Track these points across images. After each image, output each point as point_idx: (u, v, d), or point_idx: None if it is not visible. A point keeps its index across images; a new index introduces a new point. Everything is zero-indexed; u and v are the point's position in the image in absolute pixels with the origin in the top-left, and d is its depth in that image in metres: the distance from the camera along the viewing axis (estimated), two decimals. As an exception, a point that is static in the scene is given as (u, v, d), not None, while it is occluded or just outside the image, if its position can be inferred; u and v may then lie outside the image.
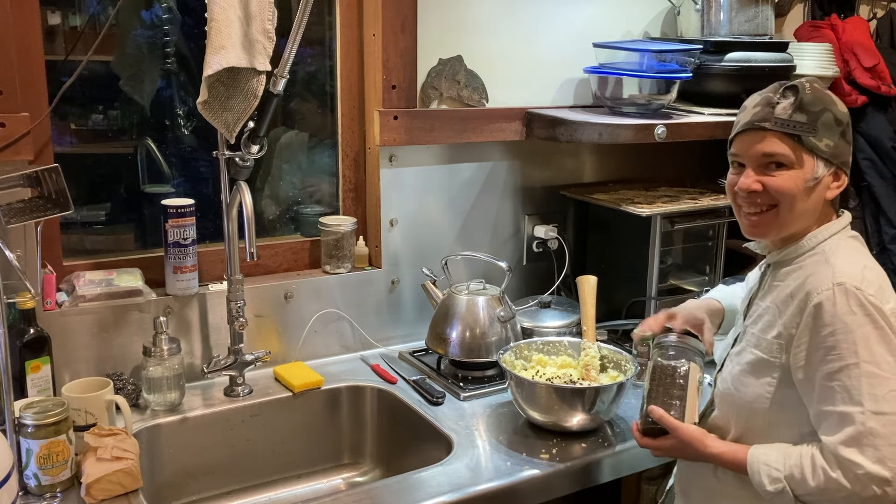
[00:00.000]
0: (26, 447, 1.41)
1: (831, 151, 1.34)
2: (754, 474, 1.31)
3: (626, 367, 1.77)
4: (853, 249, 1.38)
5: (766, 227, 1.40)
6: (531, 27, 2.21)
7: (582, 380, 1.77)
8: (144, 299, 1.80)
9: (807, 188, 1.35)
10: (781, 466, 1.29)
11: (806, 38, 2.55)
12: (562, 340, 1.89)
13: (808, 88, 1.34)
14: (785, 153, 1.34)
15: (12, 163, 1.64)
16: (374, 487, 1.59)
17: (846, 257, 1.34)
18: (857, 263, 1.33)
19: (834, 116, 1.34)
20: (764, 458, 1.32)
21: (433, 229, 2.18)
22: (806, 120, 1.33)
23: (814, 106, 1.33)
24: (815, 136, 1.33)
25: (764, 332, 1.38)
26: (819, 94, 1.35)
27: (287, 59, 1.66)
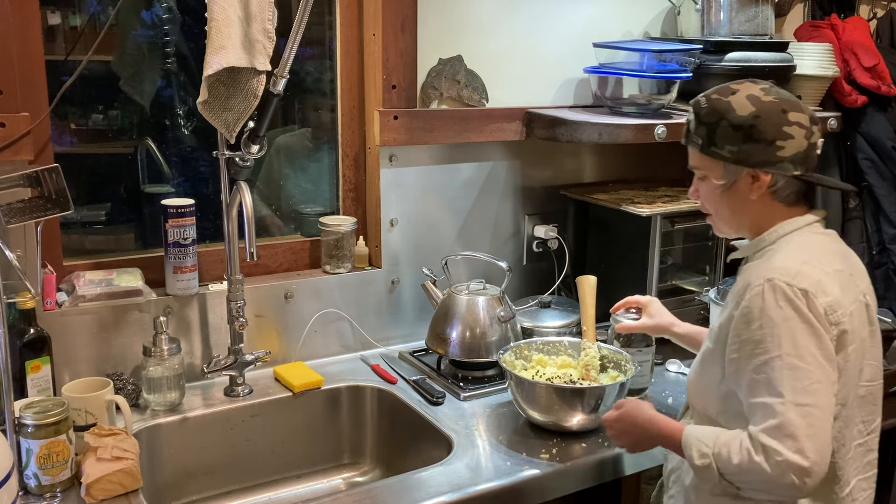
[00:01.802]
0: (26, 447, 1.41)
1: (737, 156, 1.39)
2: (686, 448, 1.38)
3: (626, 368, 1.77)
4: (803, 245, 1.40)
5: (716, 229, 1.53)
6: (531, 27, 2.21)
7: (582, 380, 1.77)
8: (144, 299, 1.80)
9: (723, 194, 1.44)
10: (711, 444, 1.34)
11: (806, 38, 2.55)
12: (562, 340, 1.89)
13: (703, 103, 1.43)
14: (698, 165, 1.46)
15: (12, 163, 1.64)
16: (374, 487, 1.59)
17: (789, 252, 1.38)
18: (797, 258, 1.35)
19: (730, 124, 1.38)
20: (697, 434, 1.38)
21: (433, 229, 2.18)
22: (706, 133, 1.41)
23: (710, 118, 1.40)
24: (714, 146, 1.40)
25: (715, 322, 1.46)
26: (715, 105, 1.40)
27: (287, 58, 1.66)
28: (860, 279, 1.43)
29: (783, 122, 1.36)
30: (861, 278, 1.43)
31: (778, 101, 1.37)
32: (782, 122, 1.36)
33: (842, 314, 1.32)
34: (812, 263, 1.34)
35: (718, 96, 1.41)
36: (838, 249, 1.44)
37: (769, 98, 1.37)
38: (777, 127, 1.36)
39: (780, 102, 1.37)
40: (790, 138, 1.36)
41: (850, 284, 1.38)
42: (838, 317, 1.31)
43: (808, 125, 1.37)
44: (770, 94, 1.38)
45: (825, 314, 1.30)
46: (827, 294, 1.31)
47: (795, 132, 1.36)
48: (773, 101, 1.37)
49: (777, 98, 1.37)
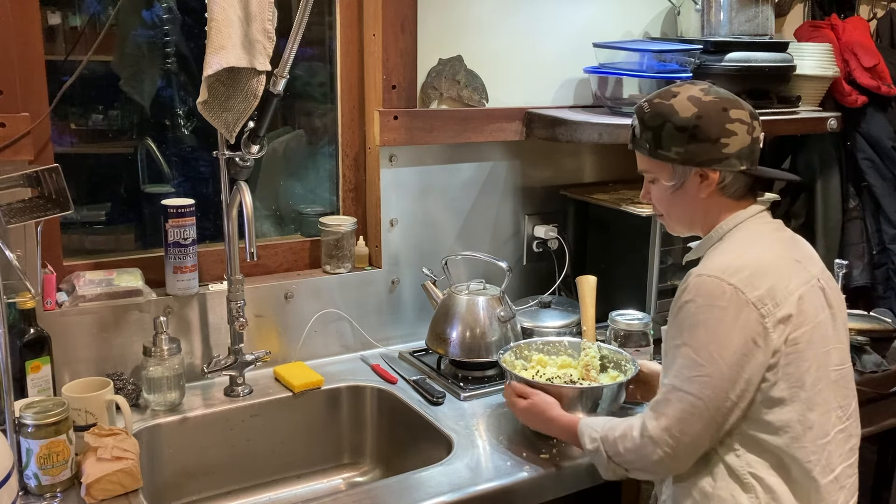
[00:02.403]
0: (26, 447, 1.41)
1: (683, 157, 1.42)
2: (581, 436, 1.48)
3: (626, 367, 1.77)
4: (744, 238, 1.44)
5: (669, 229, 1.57)
6: (531, 27, 2.21)
7: (582, 380, 1.77)
8: (144, 299, 1.80)
9: (673, 194, 1.48)
10: (600, 428, 1.45)
11: (806, 38, 2.55)
12: (562, 340, 1.88)
13: (646, 108, 1.46)
14: (646, 168, 1.50)
15: (12, 163, 1.64)
16: (374, 487, 1.59)
17: (727, 247, 1.43)
18: (734, 251, 1.41)
19: (674, 126, 1.41)
20: (590, 423, 1.49)
21: (433, 229, 2.18)
22: (651, 137, 1.44)
23: (654, 121, 1.44)
24: (661, 148, 1.44)
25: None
26: (657, 109, 1.43)
27: (287, 59, 1.66)
28: (811, 264, 1.45)
29: (725, 120, 1.40)
30: (813, 263, 1.46)
31: (718, 100, 1.41)
32: (724, 119, 1.40)
33: (780, 300, 1.34)
34: (748, 256, 1.39)
35: (660, 100, 1.44)
36: (783, 237, 1.48)
37: (709, 98, 1.41)
38: (720, 125, 1.40)
39: (721, 101, 1.41)
40: (733, 135, 1.40)
41: (795, 269, 1.40)
42: (772, 306, 1.34)
43: (749, 121, 1.41)
44: (710, 93, 1.42)
45: (755, 307, 1.33)
46: (757, 287, 1.34)
47: (738, 129, 1.40)
48: (714, 100, 1.41)
49: (717, 97, 1.41)
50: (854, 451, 1.46)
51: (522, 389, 1.63)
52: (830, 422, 1.39)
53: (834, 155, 2.59)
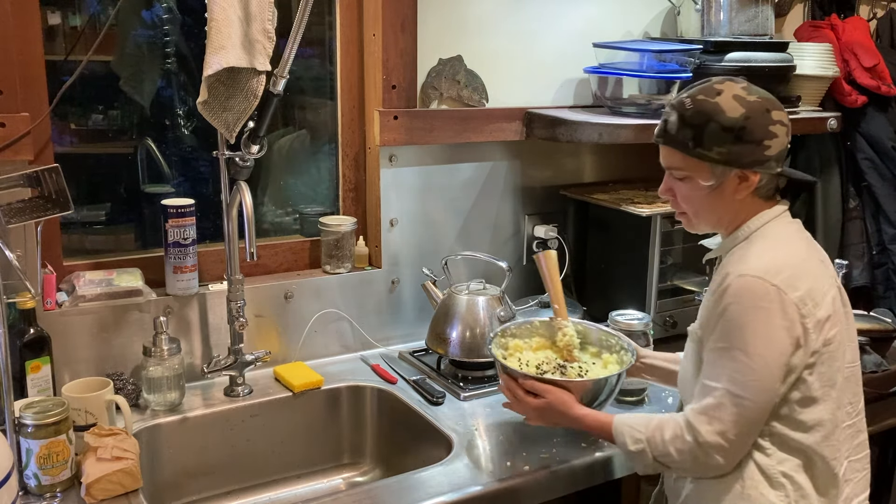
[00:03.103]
0: (26, 447, 1.41)
1: (725, 158, 1.38)
2: (618, 435, 1.45)
3: (615, 347, 1.72)
4: (776, 237, 1.42)
5: (688, 227, 1.52)
6: (531, 27, 2.21)
7: (565, 361, 1.70)
8: (144, 299, 1.80)
9: (706, 195, 1.42)
10: (643, 429, 1.42)
11: (806, 38, 2.55)
12: (532, 321, 1.80)
13: (688, 104, 1.39)
14: (678, 166, 1.44)
15: (12, 163, 1.64)
16: (374, 487, 1.59)
17: (763, 246, 1.40)
18: (769, 252, 1.39)
19: (720, 126, 1.36)
20: (628, 421, 1.45)
21: (433, 229, 2.18)
22: (691, 135, 1.38)
23: (696, 120, 1.38)
24: (702, 148, 1.38)
25: (695, 325, 1.47)
26: (702, 107, 1.38)
27: (287, 59, 1.66)
28: (829, 265, 1.46)
29: (768, 122, 1.37)
30: (829, 264, 1.47)
31: (762, 101, 1.38)
32: (767, 121, 1.37)
33: (819, 301, 1.35)
34: (784, 257, 1.38)
35: (704, 97, 1.39)
36: (806, 237, 1.47)
37: (753, 98, 1.38)
38: (764, 127, 1.37)
39: (764, 102, 1.38)
40: (775, 137, 1.38)
41: (823, 270, 1.42)
42: (812, 307, 1.34)
43: (788, 123, 1.40)
44: (752, 93, 1.39)
45: (797, 308, 1.33)
46: (797, 288, 1.33)
47: (779, 130, 1.38)
48: (758, 100, 1.38)
49: (760, 97, 1.38)
50: (863, 446, 1.49)
51: (534, 386, 1.55)
52: (841, 417, 1.41)
53: (834, 155, 2.59)
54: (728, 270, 1.38)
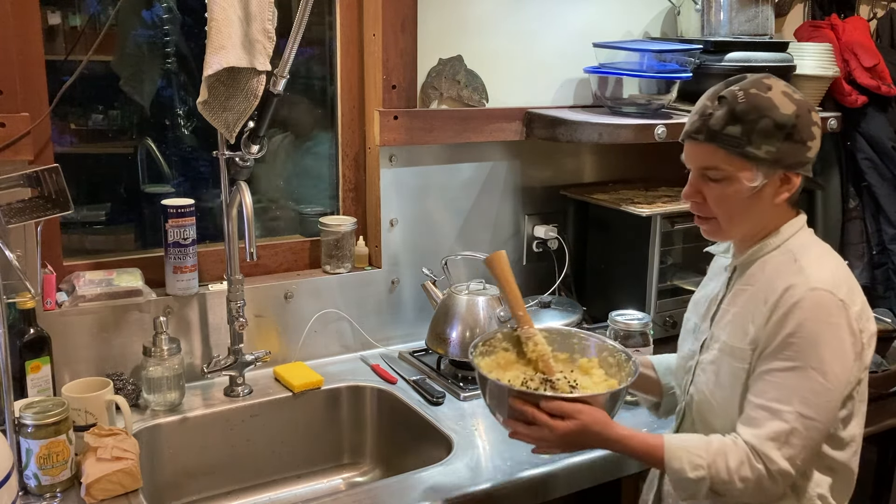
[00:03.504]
0: (26, 447, 1.41)
1: (774, 157, 1.29)
2: (674, 460, 1.29)
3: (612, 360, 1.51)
4: (821, 248, 1.37)
5: (713, 234, 1.41)
6: (531, 27, 2.21)
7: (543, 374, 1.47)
8: (144, 299, 1.80)
9: (746, 198, 1.32)
10: (704, 453, 1.28)
11: (806, 38, 2.55)
12: (494, 335, 1.54)
13: (740, 97, 1.28)
14: (719, 166, 1.31)
15: (12, 163, 1.64)
16: (374, 487, 1.59)
17: (817, 258, 1.33)
18: (828, 265, 1.33)
19: (773, 122, 1.27)
20: (683, 443, 1.30)
21: (433, 229, 2.18)
22: (740, 131, 1.28)
23: (748, 115, 1.28)
24: (751, 146, 1.28)
25: (737, 340, 1.35)
26: (755, 101, 1.28)
27: (287, 59, 1.66)
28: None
29: (812, 122, 1.31)
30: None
31: (805, 100, 1.32)
32: (811, 122, 1.31)
33: (868, 316, 1.33)
34: (839, 268, 1.33)
35: (756, 91, 1.28)
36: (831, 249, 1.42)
37: (798, 96, 1.31)
38: (808, 127, 1.30)
39: (806, 101, 1.32)
40: (814, 139, 1.32)
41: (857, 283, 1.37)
42: (865, 321, 1.31)
43: (822, 124, 1.34)
44: (795, 91, 1.32)
45: (857, 323, 1.28)
46: (855, 302, 1.30)
47: (817, 132, 1.32)
48: (802, 99, 1.31)
49: (801, 96, 1.32)
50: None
51: (561, 408, 1.30)
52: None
53: (834, 155, 2.59)
54: (791, 282, 1.28)
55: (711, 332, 1.42)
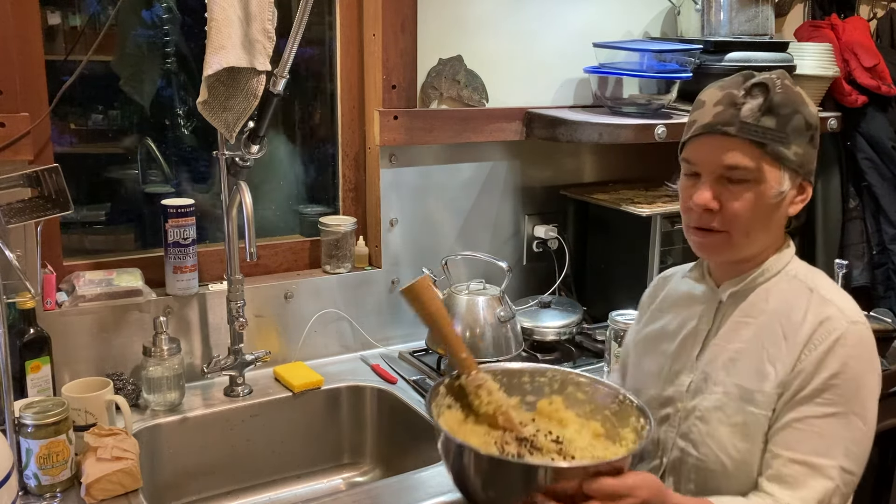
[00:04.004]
0: (26, 447, 1.41)
1: (799, 160, 1.16)
2: None
3: (638, 426, 1.19)
4: (824, 275, 1.25)
5: (718, 250, 1.21)
6: (531, 27, 2.21)
7: (507, 430, 1.18)
8: (144, 299, 1.80)
9: (770, 205, 1.17)
10: None
11: (806, 37, 2.55)
12: (438, 390, 1.23)
13: (778, 86, 1.14)
14: (749, 166, 1.14)
15: (12, 163, 1.64)
16: (374, 487, 1.59)
17: (832, 286, 1.21)
18: (845, 294, 1.21)
19: (805, 120, 1.15)
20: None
21: (433, 229, 2.18)
22: (775, 125, 1.13)
23: (784, 108, 1.13)
24: (783, 144, 1.13)
25: (754, 382, 1.18)
26: (790, 92, 1.15)
27: (287, 58, 1.66)
28: None
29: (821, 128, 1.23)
30: None
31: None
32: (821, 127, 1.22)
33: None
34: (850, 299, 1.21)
35: (789, 83, 1.15)
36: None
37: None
38: (820, 132, 1.21)
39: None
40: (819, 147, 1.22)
41: None
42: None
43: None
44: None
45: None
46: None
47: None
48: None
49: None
50: None
51: (613, 488, 1.03)
52: None
53: (834, 155, 2.59)
54: (825, 314, 1.14)
55: (704, 374, 1.24)
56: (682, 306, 1.33)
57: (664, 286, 1.41)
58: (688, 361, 1.27)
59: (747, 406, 1.17)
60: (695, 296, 1.31)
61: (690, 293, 1.32)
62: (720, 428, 1.20)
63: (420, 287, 1.19)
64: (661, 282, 1.44)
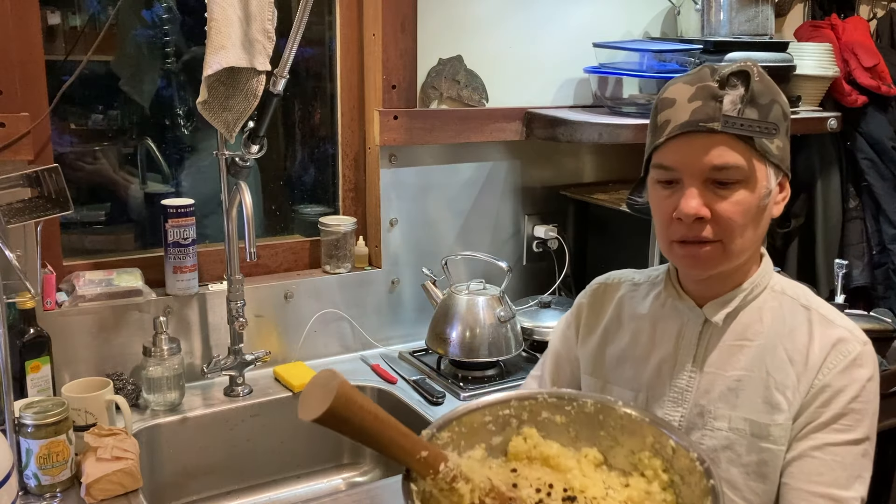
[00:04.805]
0: (26, 447, 1.41)
1: (781, 155, 1.06)
2: None
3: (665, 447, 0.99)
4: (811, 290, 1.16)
5: (713, 263, 1.07)
6: (531, 27, 2.21)
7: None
8: (144, 299, 1.80)
9: (760, 207, 1.05)
10: None
11: (806, 38, 2.55)
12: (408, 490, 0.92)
13: (756, 74, 1.03)
14: (740, 165, 1.02)
15: (12, 163, 1.64)
16: (374, 487, 1.59)
17: (828, 305, 1.12)
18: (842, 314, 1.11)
19: (782, 110, 1.06)
20: None
21: (433, 229, 2.18)
22: (758, 116, 1.02)
23: (763, 97, 1.03)
24: (768, 136, 1.02)
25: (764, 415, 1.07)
26: (766, 80, 1.05)
27: (287, 58, 1.66)
28: None
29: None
30: None
31: None
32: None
33: None
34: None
35: (762, 70, 1.05)
36: None
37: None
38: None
39: None
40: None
41: None
42: None
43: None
44: None
45: None
46: None
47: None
48: None
49: None
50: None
51: None
52: None
53: (834, 155, 2.59)
54: (836, 335, 1.06)
55: (700, 407, 1.11)
56: (647, 324, 1.19)
57: (613, 295, 1.26)
58: (668, 391, 1.13)
59: (761, 442, 1.06)
60: (665, 314, 1.17)
61: (660, 311, 1.18)
62: (731, 469, 1.08)
63: (343, 402, 0.83)
64: (605, 290, 1.28)
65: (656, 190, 1.09)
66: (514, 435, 1.02)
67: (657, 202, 1.09)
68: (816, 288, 2.52)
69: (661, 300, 1.19)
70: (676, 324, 1.16)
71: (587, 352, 1.26)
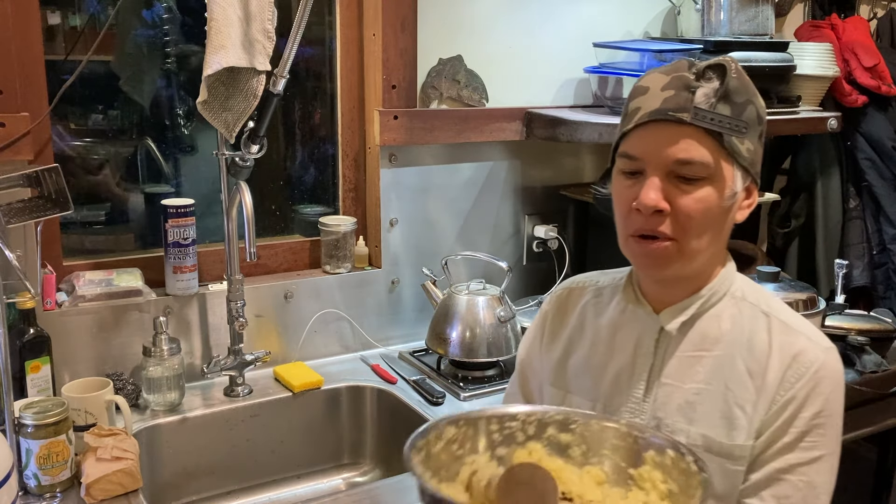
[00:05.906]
0: (26, 447, 1.41)
1: (751, 158, 1.02)
2: None
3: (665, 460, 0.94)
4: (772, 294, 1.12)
5: (666, 261, 1.03)
6: (531, 27, 2.21)
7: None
8: (144, 299, 1.80)
9: (723, 208, 1.02)
10: None
11: (806, 37, 2.55)
12: None
13: (733, 70, 1.00)
14: (705, 161, 0.99)
15: (12, 163, 1.64)
16: (374, 487, 1.59)
17: (789, 310, 1.08)
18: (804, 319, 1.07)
19: (757, 112, 1.02)
20: None
21: (433, 229, 2.18)
22: (730, 113, 0.99)
23: (738, 95, 1.00)
24: (739, 136, 0.99)
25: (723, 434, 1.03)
26: (744, 79, 1.02)
27: (287, 58, 1.66)
28: None
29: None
30: None
31: None
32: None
33: None
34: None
35: (741, 69, 1.02)
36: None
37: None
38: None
39: None
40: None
41: None
42: None
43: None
44: None
45: None
46: None
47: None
48: None
49: None
50: None
51: None
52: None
53: (834, 155, 2.59)
54: (799, 346, 1.02)
55: (656, 420, 1.07)
56: (607, 332, 1.15)
57: (577, 302, 1.23)
58: (626, 401, 1.10)
59: (720, 461, 1.02)
60: (624, 321, 1.14)
61: (619, 318, 1.14)
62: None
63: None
64: (570, 295, 1.25)
65: (619, 180, 1.07)
66: (519, 447, 1.01)
67: (619, 192, 1.07)
68: (817, 288, 2.52)
69: (622, 306, 1.15)
70: (635, 331, 1.12)
71: (550, 361, 1.22)
